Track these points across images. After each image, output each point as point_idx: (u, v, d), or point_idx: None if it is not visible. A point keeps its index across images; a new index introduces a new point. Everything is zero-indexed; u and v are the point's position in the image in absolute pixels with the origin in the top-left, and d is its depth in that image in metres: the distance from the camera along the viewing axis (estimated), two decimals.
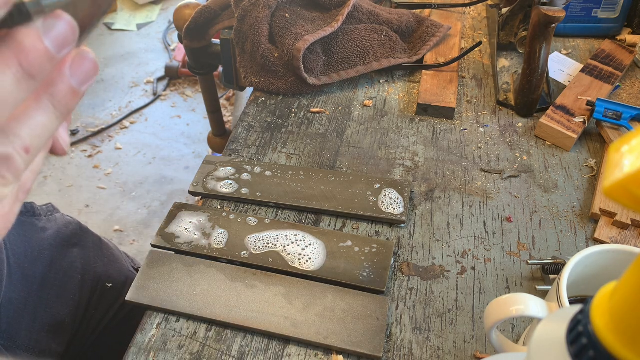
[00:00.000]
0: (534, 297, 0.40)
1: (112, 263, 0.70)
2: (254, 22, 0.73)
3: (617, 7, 0.83)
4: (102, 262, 0.69)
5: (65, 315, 0.63)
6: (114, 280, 0.69)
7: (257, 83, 0.76)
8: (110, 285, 0.68)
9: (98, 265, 0.68)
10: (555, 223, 0.59)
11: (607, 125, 0.68)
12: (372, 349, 0.48)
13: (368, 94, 0.77)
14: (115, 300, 0.69)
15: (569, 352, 0.20)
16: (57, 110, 0.23)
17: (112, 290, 0.68)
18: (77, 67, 0.23)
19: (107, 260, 0.70)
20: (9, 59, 0.21)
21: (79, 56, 0.23)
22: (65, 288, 0.63)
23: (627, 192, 0.17)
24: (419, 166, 0.66)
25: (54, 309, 0.62)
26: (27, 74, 0.21)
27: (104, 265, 0.69)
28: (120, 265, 0.72)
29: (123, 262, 0.73)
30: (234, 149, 0.69)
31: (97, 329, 0.67)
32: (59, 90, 0.23)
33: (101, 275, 0.68)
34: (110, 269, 0.69)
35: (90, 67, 0.24)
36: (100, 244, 0.70)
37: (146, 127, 2.03)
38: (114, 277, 0.69)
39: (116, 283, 0.69)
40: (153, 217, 1.71)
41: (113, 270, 0.70)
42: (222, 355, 0.49)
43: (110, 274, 0.69)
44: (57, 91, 0.23)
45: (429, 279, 0.55)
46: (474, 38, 0.87)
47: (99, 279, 0.67)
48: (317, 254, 0.55)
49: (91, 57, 0.23)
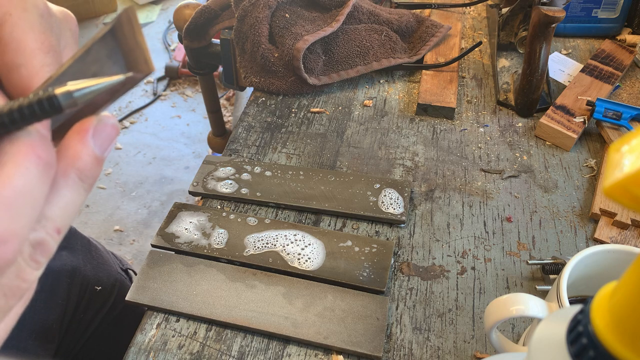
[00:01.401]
0: (534, 297, 0.40)
1: (100, 265, 0.69)
2: (254, 22, 0.73)
3: (617, 7, 0.83)
4: (90, 265, 0.67)
5: (53, 321, 0.61)
6: (102, 283, 0.67)
7: (257, 83, 0.76)
8: (99, 288, 0.67)
9: (87, 268, 0.66)
10: (555, 223, 0.59)
11: (607, 125, 0.68)
12: (372, 349, 0.48)
13: (368, 94, 0.77)
14: (104, 304, 0.67)
15: (569, 352, 0.20)
16: (84, 183, 0.23)
17: (100, 294, 0.67)
18: (100, 134, 0.23)
19: (95, 263, 0.68)
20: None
21: (101, 123, 0.23)
22: (53, 293, 0.62)
23: (627, 192, 0.17)
24: (419, 166, 0.66)
25: (42, 315, 0.60)
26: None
27: (93, 269, 0.67)
28: (109, 267, 0.70)
29: (112, 264, 0.72)
30: (234, 149, 0.69)
31: (85, 333, 0.66)
32: (85, 162, 0.23)
33: (90, 279, 0.66)
34: (99, 271, 0.68)
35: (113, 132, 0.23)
36: (89, 246, 0.69)
37: (146, 127, 2.03)
38: (102, 281, 0.68)
39: (105, 286, 0.68)
40: (153, 217, 1.71)
41: (102, 274, 0.68)
42: (222, 355, 0.49)
43: (99, 277, 0.68)
44: (82, 164, 0.23)
45: (429, 279, 0.55)
46: (474, 38, 0.87)
47: (88, 282, 0.66)
48: (317, 253, 0.55)
49: (112, 122, 0.23)
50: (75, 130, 0.23)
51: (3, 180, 0.20)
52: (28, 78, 0.23)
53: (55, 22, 0.26)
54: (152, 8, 2.64)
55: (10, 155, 0.20)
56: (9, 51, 0.23)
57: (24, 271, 0.22)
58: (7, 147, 0.20)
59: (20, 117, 0.20)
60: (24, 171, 0.20)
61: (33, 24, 0.24)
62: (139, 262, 1.55)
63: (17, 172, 0.20)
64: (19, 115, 0.20)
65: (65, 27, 0.27)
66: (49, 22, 0.24)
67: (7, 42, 0.23)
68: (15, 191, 0.20)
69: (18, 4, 0.24)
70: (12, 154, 0.20)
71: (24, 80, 0.23)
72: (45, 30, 0.24)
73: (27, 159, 0.20)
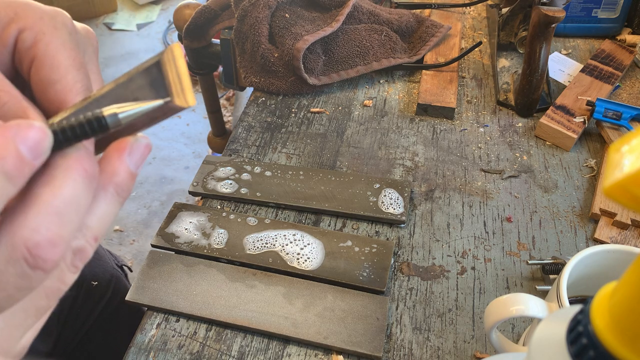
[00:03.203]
0: (534, 297, 0.40)
1: (95, 261, 0.71)
2: (253, 22, 0.73)
3: (617, 7, 0.83)
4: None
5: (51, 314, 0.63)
6: (99, 278, 0.69)
7: (257, 83, 0.76)
8: (96, 283, 0.69)
9: None
10: (555, 223, 0.59)
11: (607, 125, 0.68)
12: (372, 349, 0.48)
13: (368, 94, 0.77)
14: (101, 298, 0.69)
15: (569, 352, 0.20)
16: (120, 196, 0.25)
17: (97, 289, 0.69)
18: (136, 153, 0.25)
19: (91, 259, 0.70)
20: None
21: (137, 142, 0.25)
22: None
23: (627, 192, 0.17)
24: (419, 166, 0.66)
25: None
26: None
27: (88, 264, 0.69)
28: (104, 263, 0.72)
29: (107, 260, 0.74)
30: (234, 149, 0.69)
31: (83, 327, 0.68)
32: (122, 178, 0.24)
33: (86, 274, 0.68)
34: (94, 267, 0.70)
35: (146, 151, 0.25)
36: None
37: None
38: (99, 276, 0.69)
39: (101, 281, 0.69)
40: (153, 217, 1.71)
41: (98, 269, 0.70)
42: (222, 355, 0.49)
43: (95, 272, 0.69)
44: (120, 179, 0.24)
45: (429, 279, 0.55)
46: (474, 38, 0.87)
47: (84, 277, 0.68)
48: (316, 253, 0.55)
49: (146, 142, 0.25)
50: (114, 148, 0.24)
51: (54, 191, 0.22)
52: (63, 93, 0.25)
53: (80, 39, 0.27)
54: (152, 8, 2.64)
55: (61, 169, 0.22)
56: (44, 68, 0.25)
57: (64, 275, 0.24)
58: (59, 161, 0.22)
59: (72, 135, 0.22)
60: (72, 183, 0.22)
61: (64, 41, 0.25)
62: (139, 262, 1.55)
63: (67, 183, 0.22)
64: (71, 133, 0.22)
65: (88, 43, 0.29)
66: (76, 40, 0.26)
67: (42, 59, 0.25)
68: (65, 200, 0.22)
69: (49, 22, 0.25)
70: (63, 167, 0.22)
71: (60, 95, 0.25)
72: (75, 47, 0.26)
73: (76, 172, 0.22)
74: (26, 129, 0.21)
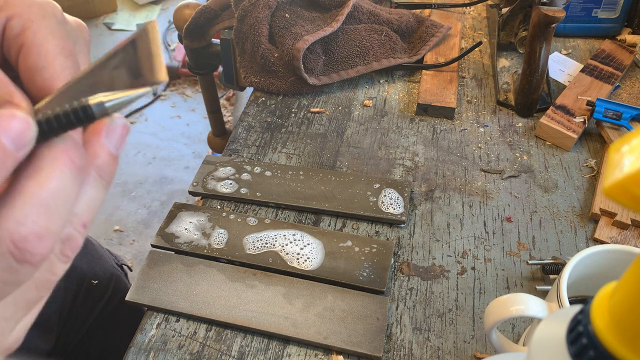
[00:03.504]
0: (534, 297, 0.40)
1: (96, 260, 0.71)
2: (253, 22, 0.73)
3: (617, 7, 0.83)
4: (86, 259, 0.70)
5: (51, 313, 0.63)
6: (99, 277, 0.70)
7: (257, 83, 0.76)
8: (96, 282, 0.69)
9: (82, 262, 0.69)
10: (555, 223, 0.59)
11: (607, 125, 0.68)
12: (372, 349, 0.48)
13: (368, 94, 0.77)
14: (101, 297, 0.70)
15: (569, 352, 0.20)
16: (103, 179, 0.25)
17: (97, 287, 0.69)
18: (113, 133, 0.25)
19: (91, 257, 0.71)
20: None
21: (114, 124, 0.25)
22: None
23: (627, 192, 0.17)
24: (419, 166, 0.66)
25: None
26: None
27: (88, 263, 0.70)
28: (104, 262, 0.73)
29: (107, 259, 0.74)
30: (234, 149, 0.69)
31: (83, 325, 0.68)
32: (102, 160, 0.24)
33: (86, 273, 0.68)
34: (94, 266, 0.70)
35: (124, 131, 0.25)
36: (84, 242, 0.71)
37: (146, 127, 2.03)
38: (99, 275, 0.70)
39: (101, 280, 0.70)
40: (153, 217, 1.71)
41: (98, 268, 0.71)
42: (222, 355, 0.49)
43: (95, 271, 0.70)
44: (100, 162, 0.24)
45: (429, 279, 0.55)
46: (474, 38, 0.87)
47: (84, 276, 0.68)
48: (316, 253, 0.55)
49: (122, 122, 0.25)
50: (91, 131, 0.24)
51: (41, 183, 0.21)
52: (50, 80, 0.24)
53: (71, 30, 0.27)
54: (152, 8, 2.64)
55: (47, 160, 0.22)
56: (32, 55, 0.25)
57: (55, 265, 0.24)
58: (44, 152, 0.22)
59: (57, 125, 0.22)
60: (59, 174, 0.22)
61: (53, 30, 0.25)
62: (139, 262, 1.55)
63: (53, 175, 0.22)
64: (56, 123, 0.22)
65: (79, 35, 0.29)
66: (66, 30, 0.26)
67: (30, 46, 0.25)
68: (52, 192, 0.22)
69: (38, 11, 0.25)
70: (49, 158, 0.22)
71: (47, 82, 0.24)
72: (64, 36, 0.26)
73: (62, 163, 0.22)
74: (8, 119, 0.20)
